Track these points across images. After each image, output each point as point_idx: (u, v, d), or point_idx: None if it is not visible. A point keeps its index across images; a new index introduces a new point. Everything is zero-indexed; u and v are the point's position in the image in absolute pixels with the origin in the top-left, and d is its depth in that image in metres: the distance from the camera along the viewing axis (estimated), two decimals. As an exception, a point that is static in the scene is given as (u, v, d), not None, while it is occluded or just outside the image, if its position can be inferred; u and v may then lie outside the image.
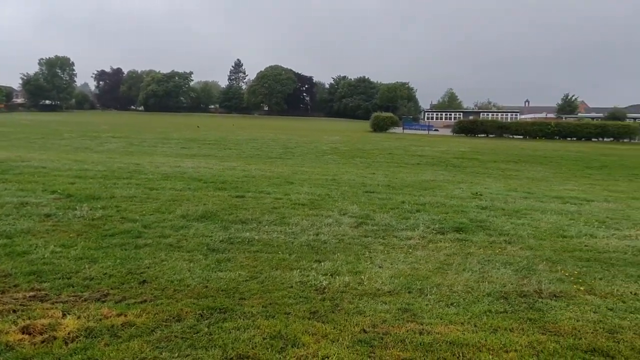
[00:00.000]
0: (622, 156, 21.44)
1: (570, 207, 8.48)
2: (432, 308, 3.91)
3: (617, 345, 3.35)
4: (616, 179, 13.63)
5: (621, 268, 5.02)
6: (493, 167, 16.44)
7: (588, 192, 10.51)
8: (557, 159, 19.16)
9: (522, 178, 13.42)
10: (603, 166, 17.01)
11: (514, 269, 4.91)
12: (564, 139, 37.67)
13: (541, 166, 16.74)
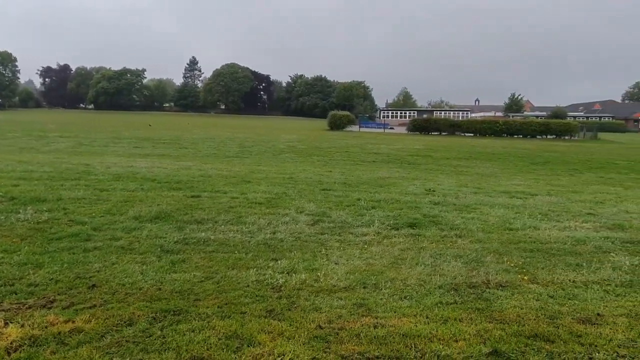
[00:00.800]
0: (564, 152, 22.70)
1: (516, 201, 8.90)
2: (386, 302, 4.01)
3: (557, 330, 3.56)
4: (558, 174, 14.41)
5: (561, 257, 5.34)
6: (446, 164, 16.94)
7: (533, 187, 11.06)
8: (505, 156, 20.02)
9: (473, 174, 13.92)
10: (546, 162, 17.94)
11: (464, 262, 5.11)
12: (511, 137, 39.39)
13: (490, 162, 17.43)
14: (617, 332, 3.54)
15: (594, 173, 14.97)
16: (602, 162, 18.28)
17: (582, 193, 10.30)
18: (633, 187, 11.75)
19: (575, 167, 16.56)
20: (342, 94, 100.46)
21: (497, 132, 39.98)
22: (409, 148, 23.27)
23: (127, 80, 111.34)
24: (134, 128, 35.06)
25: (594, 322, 3.72)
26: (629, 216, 7.62)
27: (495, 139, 35.94)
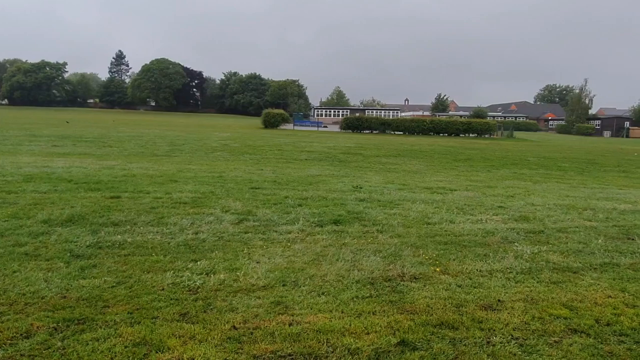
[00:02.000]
0: (483, 150, 24.18)
1: (437, 196, 9.34)
2: (304, 299, 4.05)
3: (461, 317, 3.78)
4: (477, 170, 15.32)
5: (472, 249, 5.68)
6: (375, 161, 17.41)
7: (453, 183, 11.66)
8: (430, 153, 20.95)
9: (400, 171, 14.42)
10: (468, 159, 19.00)
11: (382, 256, 5.28)
12: (437, 135, 41.32)
13: (417, 160, 18.15)
14: (514, 316, 3.83)
15: (508, 169, 16.09)
16: (516, 159, 19.68)
17: (496, 188, 11.03)
18: (541, 182, 12.76)
19: (493, 163, 17.70)
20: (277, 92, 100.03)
21: (425, 130, 41.77)
22: (341, 146, 23.65)
23: (46, 74, 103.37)
24: (54, 125, 32.67)
25: (494, 308, 4.00)
26: (534, 208, 8.27)
27: (422, 137, 37.51)
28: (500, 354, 3.25)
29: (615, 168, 18.15)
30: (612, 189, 11.91)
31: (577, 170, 16.64)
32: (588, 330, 3.63)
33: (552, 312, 3.91)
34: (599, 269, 5.09)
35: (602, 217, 7.72)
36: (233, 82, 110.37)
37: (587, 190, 11.27)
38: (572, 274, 4.91)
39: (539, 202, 9.02)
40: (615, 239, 6.29)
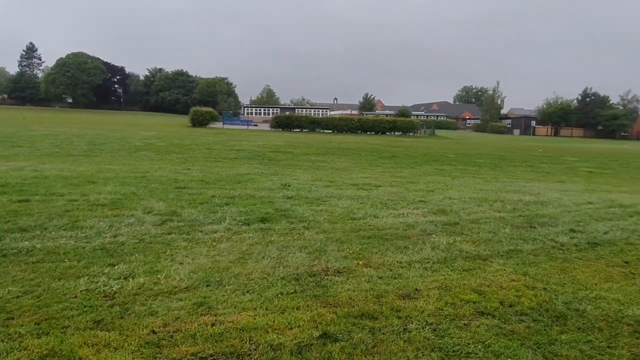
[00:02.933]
0: (408, 147, 25.27)
1: (362, 192, 9.63)
2: (228, 298, 4.02)
3: (381, 307, 3.95)
4: (401, 167, 15.99)
5: (393, 242, 5.93)
6: (304, 159, 17.56)
7: (379, 179, 12.08)
8: (358, 151, 21.51)
9: (328, 169, 14.67)
10: (393, 156, 19.76)
11: (308, 252, 5.36)
12: (364, 133, 42.53)
13: (345, 157, 18.56)
14: (429, 303, 4.07)
15: (430, 165, 16.95)
16: (437, 156, 20.78)
17: (418, 183, 11.58)
18: (458, 177, 13.59)
19: (416, 160, 18.55)
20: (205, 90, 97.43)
21: (353, 128, 42.81)
22: (270, 144, 23.57)
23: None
24: (-51, 123, 29.43)
25: (412, 296, 4.21)
26: (451, 202, 8.80)
27: (350, 135, 38.40)
28: (416, 339, 3.43)
29: (523, 163, 19.74)
30: (519, 182, 12.96)
31: (491, 166, 17.90)
32: (493, 312, 3.94)
33: (463, 297, 4.20)
34: (505, 255, 5.53)
35: (509, 208, 8.39)
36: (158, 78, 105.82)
37: (498, 184, 12.18)
38: (482, 261, 5.30)
39: (456, 195, 9.60)
40: (520, 228, 6.86)
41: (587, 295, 4.40)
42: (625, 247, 6.10)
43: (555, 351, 3.35)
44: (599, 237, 6.50)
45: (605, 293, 4.46)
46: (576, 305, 4.15)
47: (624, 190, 11.98)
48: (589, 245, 6.08)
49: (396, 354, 3.22)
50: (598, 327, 3.74)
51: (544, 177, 14.72)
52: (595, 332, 3.66)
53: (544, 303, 4.16)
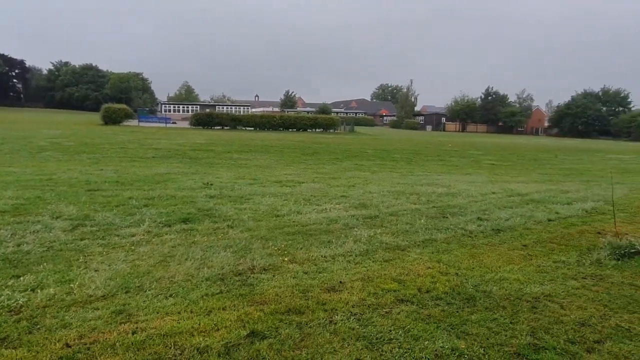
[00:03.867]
0: (329, 144, 25.78)
1: (285, 189, 9.69)
2: (149, 304, 3.87)
3: (307, 302, 4.03)
4: (323, 163, 16.29)
5: (317, 237, 6.06)
6: (226, 157, 17.23)
7: (301, 176, 12.22)
8: (280, 148, 21.54)
9: (251, 166, 14.54)
10: (315, 152, 20.06)
11: (233, 251, 5.31)
12: (286, 130, 42.68)
13: (268, 155, 18.50)
14: (353, 294, 4.23)
15: (350, 161, 17.44)
16: (357, 152, 21.44)
17: (340, 179, 11.89)
18: (377, 172, 14.15)
19: (337, 156, 18.99)
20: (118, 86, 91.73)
21: (275, 126, 42.77)
22: (191, 142, 22.83)
23: None
24: None
25: (337, 289, 4.35)
26: (371, 196, 9.16)
27: (272, 133, 38.33)
28: (342, 330, 3.56)
29: (435, 157, 21.00)
30: (433, 175, 13.79)
31: (406, 160, 18.83)
32: (412, 298, 4.19)
33: (385, 287, 4.42)
34: (422, 245, 5.89)
35: (424, 200, 8.91)
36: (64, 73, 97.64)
37: (414, 178, 12.87)
38: (401, 251, 5.60)
39: (375, 190, 10.00)
40: (434, 218, 7.33)
41: (493, 277, 4.82)
42: (523, 231, 6.76)
43: (467, 330, 3.64)
44: (502, 223, 7.14)
45: (508, 274, 4.92)
46: (484, 287, 4.54)
47: (521, 180, 13.21)
48: (493, 232, 6.66)
49: (323, 346, 3.31)
50: (502, 306, 4.13)
51: (453, 170, 15.78)
52: (500, 310, 4.03)
53: (456, 287, 4.49)
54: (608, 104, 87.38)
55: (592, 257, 5.56)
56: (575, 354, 3.35)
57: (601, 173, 16.56)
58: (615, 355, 3.35)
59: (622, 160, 24.74)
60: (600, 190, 10.98)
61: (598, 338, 3.60)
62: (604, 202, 9.04)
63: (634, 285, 4.74)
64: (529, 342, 3.48)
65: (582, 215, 8.03)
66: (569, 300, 4.31)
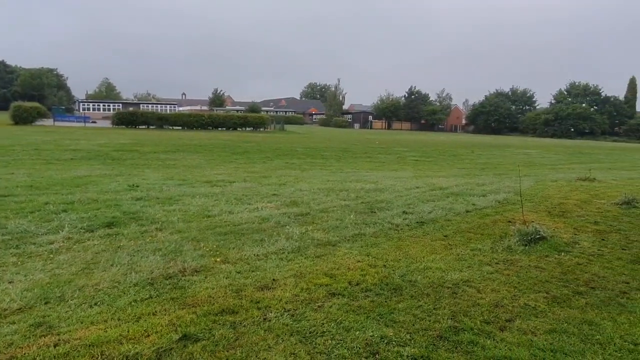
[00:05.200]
0: (259, 142, 25.65)
1: (216, 189, 9.54)
2: (72, 314, 3.69)
3: (241, 301, 4.05)
4: (254, 162, 16.20)
5: (250, 235, 6.06)
6: (153, 157, 16.58)
7: (232, 175, 12.08)
8: (210, 147, 21.09)
9: (180, 166, 14.11)
10: (245, 151, 19.87)
11: (162, 254, 5.17)
12: (215, 129, 41.85)
13: (197, 154, 18.04)
14: (286, 291, 4.30)
15: (281, 159, 17.49)
16: (287, 150, 21.54)
17: (271, 177, 11.91)
18: (307, 170, 14.34)
19: (268, 155, 18.96)
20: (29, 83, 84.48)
21: (204, 125, 41.77)
22: (113, 143, 21.68)
23: None
24: None
25: (270, 287, 4.40)
26: (302, 193, 9.29)
27: (201, 132, 37.39)
28: (276, 327, 3.62)
29: (363, 155, 21.65)
30: (361, 172, 14.23)
31: (336, 158, 19.24)
32: (343, 291, 4.35)
33: (317, 282, 4.54)
34: (351, 239, 6.10)
35: (353, 196, 9.20)
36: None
37: (343, 175, 13.21)
38: (332, 246, 5.76)
39: (306, 187, 10.15)
40: (362, 214, 7.60)
41: (418, 267, 5.13)
42: (444, 223, 7.22)
43: (394, 318, 3.86)
44: (425, 216, 7.57)
45: (431, 263, 5.25)
46: (409, 277, 4.82)
47: (442, 175, 14.03)
48: (417, 224, 7.05)
49: (257, 344, 3.35)
50: (426, 293, 4.41)
51: (380, 167, 16.38)
52: (425, 298, 4.31)
53: (384, 278, 4.72)
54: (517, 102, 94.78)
55: (504, 244, 6.08)
56: (490, 332, 3.67)
57: (511, 167, 17.99)
58: (524, 331, 3.72)
59: (528, 155, 27.00)
60: (511, 183, 11.95)
61: (509, 317, 3.97)
62: (514, 193, 9.86)
63: (539, 267, 5.26)
64: (450, 325, 3.76)
65: (495, 206, 8.72)
66: (484, 284, 4.69)
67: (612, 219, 7.85)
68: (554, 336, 3.64)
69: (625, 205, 8.81)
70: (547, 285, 4.73)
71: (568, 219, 7.77)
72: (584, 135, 77.14)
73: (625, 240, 6.58)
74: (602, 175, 14.94)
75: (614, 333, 3.72)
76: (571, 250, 5.95)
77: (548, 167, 19.20)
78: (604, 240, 6.50)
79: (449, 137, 56.09)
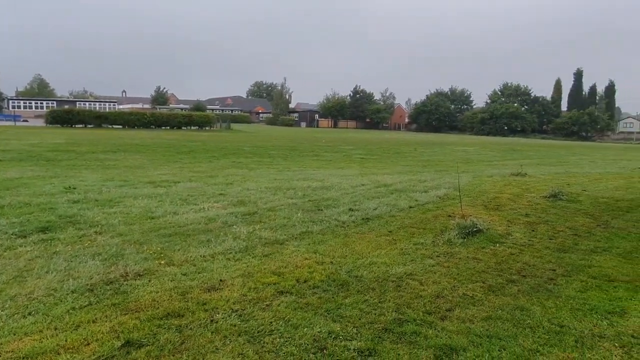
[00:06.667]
0: (205, 142, 25.12)
1: (160, 190, 9.27)
2: (3, 325, 3.47)
3: (187, 303, 3.98)
4: (199, 161, 15.85)
5: (196, 237, 5.95)
6: (91, 158, 15.81)
7: (177, 175, 11.76)
8: (153, 147, 20.39)
9: (121, 167, 13.55)
10: (190, 151, 19.39)
11: (102, 259, 4.97)
12: (159, 128, 40.52)
13: (139, 154, 17.38)
14: (234, 291, 4.28)
15: (228, 159, 17.23)
16: (234, 149, 21.25)
17: (217, 177, 11.71)
18: (255, 169, 14.23)
19: (214, 154, 18.61)
20: (-53, 77, 77.59)
21: (146, 123, 40.31)
22: (47, 143, 20.45)
23: None
24: None
25: (217, 288, 4.36)
26: (249, 192, 9.23)
27: (144, 131, 36.06)
28: (223, 328, 3.59)
29: (310, 153, 21.77)
30: (308, 170, 14.31)
31: (283, 157, 19.21)
32: (291, 289, 4.39)
33: (265, 281, 4.55)
34: (299, 237, 6.15)
35: (300, 194, 9.26)
36: None
37: (290, 173, 13.23)
38: (280, 245, 5.78)
39: (253, 186, 10.09)
40: (310, 212, 7.67)
41: (364, 262, 5.26)
42: (389, 219, 7.44)
43: (341, 314, 3.94)
44: (371, 213, 7.77)
45: (376, 258, 5.40)
46: (355, 272, 4.93)
47: (386, 172, 14.41)
48: (363, 221, 7.21)
49: (205, 346, 3.32)
50: (372, 288, 4.54)
51: (327, 165, 16.55)
52: (370, 292, 4.43)
53: (331, 275, 4.81)
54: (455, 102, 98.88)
55: (445, 237, 6.37)
56: (431, 322, 3.85)
57: (452, 163, 18.78)
58: (463, 319, 3.93)
59: (467, 152, 28.30)
60: (451, 179, 12.49)
61: (449, 307, 4.18)
62: (454, 189, 10.32)
63: (476, 258, 5.57)
64: (395, 318, 3.90)
65: (436, 201, 9.09)
66: (426, 276, 4.90)
67: (541, 211, 8.42)
68: (490, 322, 3.88)
69: (552, 198, 9.48)
70: (484, 275, 5.02)
71: (502, 212, 8.24)
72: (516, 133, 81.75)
73: (552, 230, 7.09)
74: (533, 171, 15.95)
75: (543, 317, 4.01)
76: (505, 242, 6.34)
77: (484, 163, 20.22)
78: (534, 231, 6.97)
79: (392, 135, 57.53)
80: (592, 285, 4.82)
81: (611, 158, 26.78)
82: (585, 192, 10.93)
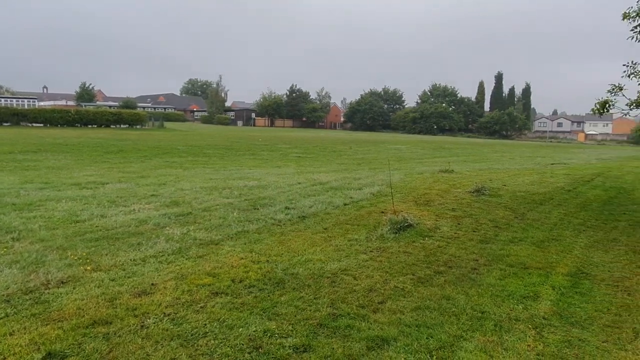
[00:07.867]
0: (135, 141, 23.98)
1: (86, 192, 8.77)
2: None
3: (115, 310, 3.82)
4: (130, 161, 15.13)
5: (125, 240, 5.71)
6: (8, 158, 14.59)
7: (105, 176, 11.17)
8: (78, 146, 19.17)
9: (42, 168, 12.63)
10: (120, 150, 18.45)
11: (20, 267, 4.64)
12: (85, 126, 38.17)
13: (63, 154, 16.28)
14: (166, 295, 4.17)
15: (161, 158, 16.60)
16: (167, 148, 20.50)
17: (149, 177, 11.27)
18: (189, 168, 13.84)
19: (146, 154, 17.84)
20: None
21: (70, 121, 37.79)
22: (-49, 142, 18.55)
23: None
24: None
25: (148, 292, 4.22)
26: (183, 193, 8.98)
27: (68, 129, 33.83)
28: (154, 333, 3.50)
29: (247, 152, 21.53)
30: (244, 169, 14.16)
31: (219, 156, 18.84)
32: (226, 290, 4.35)
33: (199, 283, 4.47)
34: (235, 237, 6.09)
35: (237, 194, 9.15)
36: None
37: (227, 172, 13.02)
38: (215, 245, 5.70)
39: (187, 186, 9.82)
40: (246, 211, 7.62)
41: (299, 260, 5.32)
42: (324, 216, 7.57)
43: (277, 312, 3.97)
44: (306, 210, 7.85)
45: (312, 255, 5.48)
46: (291, 270, 4.98)
47: (322, 171, 14.59)
48: (299, 219, 7.28)
49: (135, 353, 3.22)
50: (307, 285, 4.61)
51: (264, 164, 16.46)
52: (306, 289, 4.50)
53: (267, 273, 4.82)
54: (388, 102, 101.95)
55: (377, 233, 6.59)
56: (364, 315, 3.98)
57: (385, 161, 19.37)
58: (394, 311, 4.10)
59: (399, 150, 29.33)
60: (384, 176, 12.90)
61: (381, 299, 4.34)
62: (387, 186, 10.68)
63: (407, 252, 5.82)
64: (329, 313, 4.00)
65: (370, 198, 9.36)
66: (360, 271, 5.05)
67: (466, 206, 8.94)
68: (419, 312, 4.08)
69: (476, 193, 10.10)
70: (414, 267, 5.26)
71: (431, 207, 8.66)
72: (444, 132, 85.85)
73: (476, 223, 7.56)
74: (459, 168, 16.86)
75: (466, 304, 4.29)
76: (433, 235, 6.67)
77: (416, 160, 21.07)
78: (460, 225, 7.40)
79: (328, 134, 58.24)
80: (510, 272, 5.22)
81: (528, 155, 28.91)
82: (505, 187, 11.75)
